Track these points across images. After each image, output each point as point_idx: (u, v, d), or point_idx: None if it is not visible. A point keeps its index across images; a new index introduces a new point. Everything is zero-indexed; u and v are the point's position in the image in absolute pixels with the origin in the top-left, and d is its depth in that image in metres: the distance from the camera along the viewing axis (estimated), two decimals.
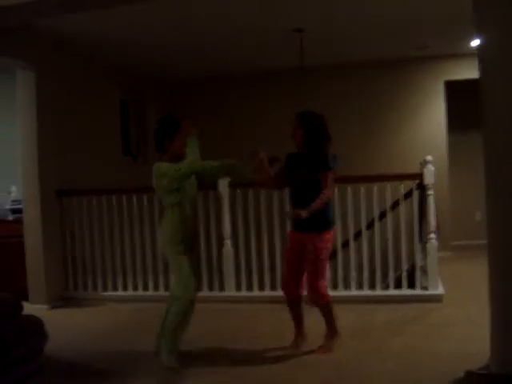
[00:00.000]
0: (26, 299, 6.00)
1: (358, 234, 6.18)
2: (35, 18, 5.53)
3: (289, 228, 5.83)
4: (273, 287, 5.96)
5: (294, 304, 4.36)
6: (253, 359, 4.16)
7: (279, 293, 5.79)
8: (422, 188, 5.70)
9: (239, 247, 6.14)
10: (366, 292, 5.63)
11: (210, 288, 6.12)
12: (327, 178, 4.14)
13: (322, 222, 4.18)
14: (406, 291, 5.63)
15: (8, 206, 6.98)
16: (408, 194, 6.00)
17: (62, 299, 6.35)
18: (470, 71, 7.72)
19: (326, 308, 4.21)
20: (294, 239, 4.33)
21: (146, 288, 6.28)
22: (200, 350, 4.44)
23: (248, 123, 9.14)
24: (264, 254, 6.00)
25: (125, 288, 6.34)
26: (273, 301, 5.66)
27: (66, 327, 5.32)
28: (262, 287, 6.02)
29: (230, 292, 6.03)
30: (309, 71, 7.73)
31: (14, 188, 7.05)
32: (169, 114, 4.38)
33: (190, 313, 4.14)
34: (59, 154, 6.51)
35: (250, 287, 6.04)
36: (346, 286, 5.82)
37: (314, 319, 4.33)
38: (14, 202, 6.93)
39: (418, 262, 5.71)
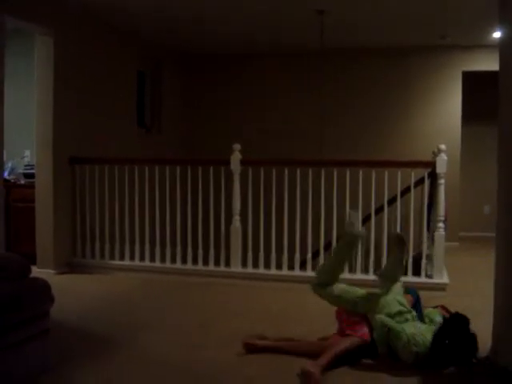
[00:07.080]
0: (34, 263, 6.06)
1: (366, 219, 6.18)
2: None
3: (298, 210, 5.89)
4: (278, 266, 5.97)
5: None
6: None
7: (284, 272, 5.88)
8: (434, 177, 5.70)
9: (248, 224, 6.16)
10: (371, 277, 5.64)
11: (217, 263, 6.16)
12: None
13: None
14: (410, 278, 5.63)
15: (21, 170, 7.05)
16: (419, 182, 6.00)
17: (69, 265, 6.41)
18: (488, 63, 7.70)
19: None
20: None
21: (152, 259, 6.33)
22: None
23: (267, 102, 9.13)
24: (272, 233, 6.04)
25: (132, 258, 6.39)
26: (278, 279, 5.72)
27: (70, 293, 5.38)
28: (267, 265, 6.04)
29: (236, 268, 6.07)
30: (328, 54, 7.72)
31: (27, 152, 7.10)
32: None
33: None
34: (74, 121, 6.54)
35: (256, 265, 6.06)
36: (351, 270, 5.83)
37: None
38: (27, 166, 6.98)
39: (425, 250, 5.73)
